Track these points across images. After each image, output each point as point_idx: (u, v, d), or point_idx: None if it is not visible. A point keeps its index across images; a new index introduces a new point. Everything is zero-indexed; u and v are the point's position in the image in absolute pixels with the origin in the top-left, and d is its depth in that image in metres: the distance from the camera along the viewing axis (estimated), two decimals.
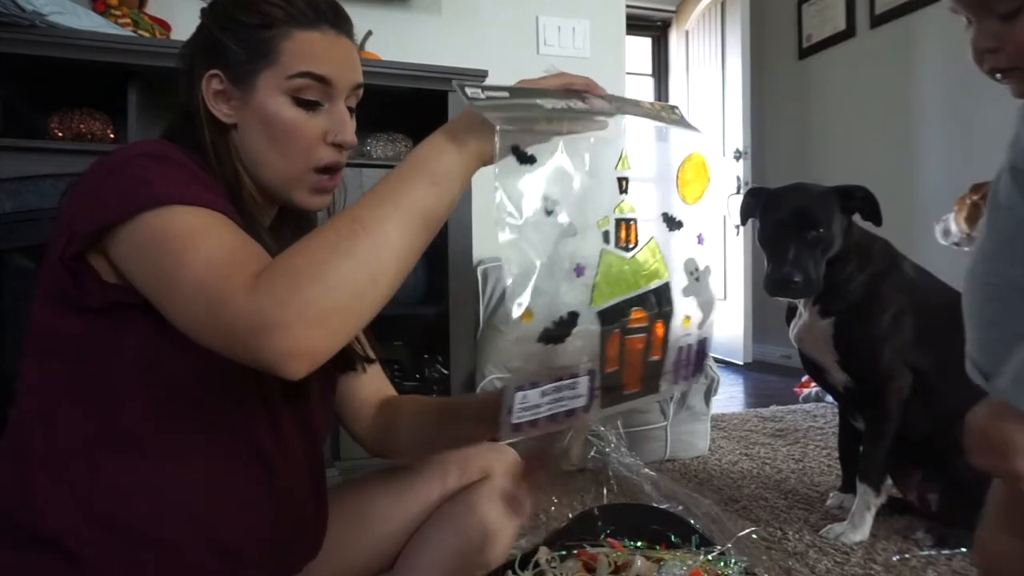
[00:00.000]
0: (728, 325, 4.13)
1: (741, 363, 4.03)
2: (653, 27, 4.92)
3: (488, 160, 0.62)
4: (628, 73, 2.89)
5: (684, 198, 0.72)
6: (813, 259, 1.52)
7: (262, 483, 0.76)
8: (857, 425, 1.67)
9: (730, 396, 3.34)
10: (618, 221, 0.66)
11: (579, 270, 0.61)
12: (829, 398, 2.84)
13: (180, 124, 0.79)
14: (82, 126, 1.69)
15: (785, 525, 1.62)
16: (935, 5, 3.24)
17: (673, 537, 0.91)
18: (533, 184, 0.58)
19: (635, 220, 0.67)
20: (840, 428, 1.78)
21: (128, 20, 1.81)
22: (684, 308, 0.71)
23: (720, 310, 4.22)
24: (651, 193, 0.70)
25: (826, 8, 3.89)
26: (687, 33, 4.64)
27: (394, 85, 1.86)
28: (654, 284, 0.68)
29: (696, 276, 0.72)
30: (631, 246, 0.66)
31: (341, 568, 0.92)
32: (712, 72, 4.28)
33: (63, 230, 0.67)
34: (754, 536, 0.84)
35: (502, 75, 2.53)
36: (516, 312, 0.56)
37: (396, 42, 2.34)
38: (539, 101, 0.61)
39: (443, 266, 2.00)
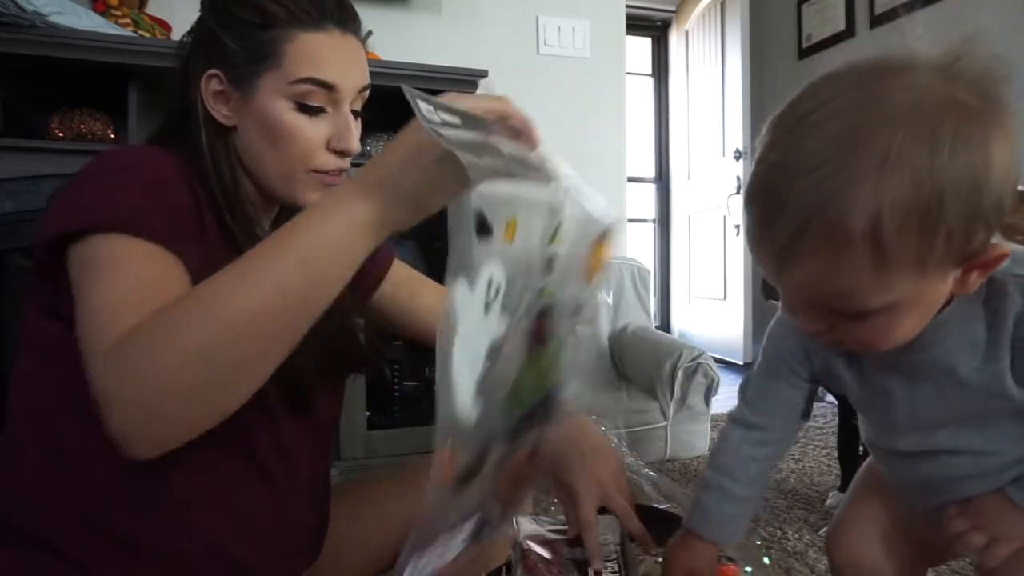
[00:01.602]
0: (728, 325, 4.13)
1: (741, 363, 4.02)
2: (653, 27, 4.91)
3: (405, 227, 0.52)
4: (628, 73, 2.89)
5: (588, 279, 0.59)
6: None
7: (261, 489, 0.75)
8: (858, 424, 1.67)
9: (730, 396, 3.32)
10: (540, 312, 0.53)
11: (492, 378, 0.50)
12: (829, 397, 2.84)
13: (176, 122, 0.76)
14: (82, 126, 1.69)
15: (785, 525, 1.62)
16: (935, 6, 3.24)
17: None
18: (486, 264, 0.47)
19: (553, 307, 0.54)
20: (839, 428, 1.78)
21: (128, 20, 1.81)
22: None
23: (720, 310, 4.22)
24: (566, 274, 0.55)
25: (826, 8, 3.89)
26: (687, 33, 4.64)
27: (394, 85, 1.86)
28: (549, 391, 0.56)
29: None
30: (543, 344, 0.54)
31: (341, 568, 0.91)
32: (712, 72, 4.28)
33: (38, 235, 0.66)
34: (755, 540, 0.84)
35: (502, 75, 2.54)
36: (441, 443, 0.46)
37: (396, 42, 2.34)
38: (493, 140, 0.48)
39: (443, 266, 2.00)
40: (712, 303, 4.32)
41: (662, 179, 4.98)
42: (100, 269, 0.60)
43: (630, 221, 2.89)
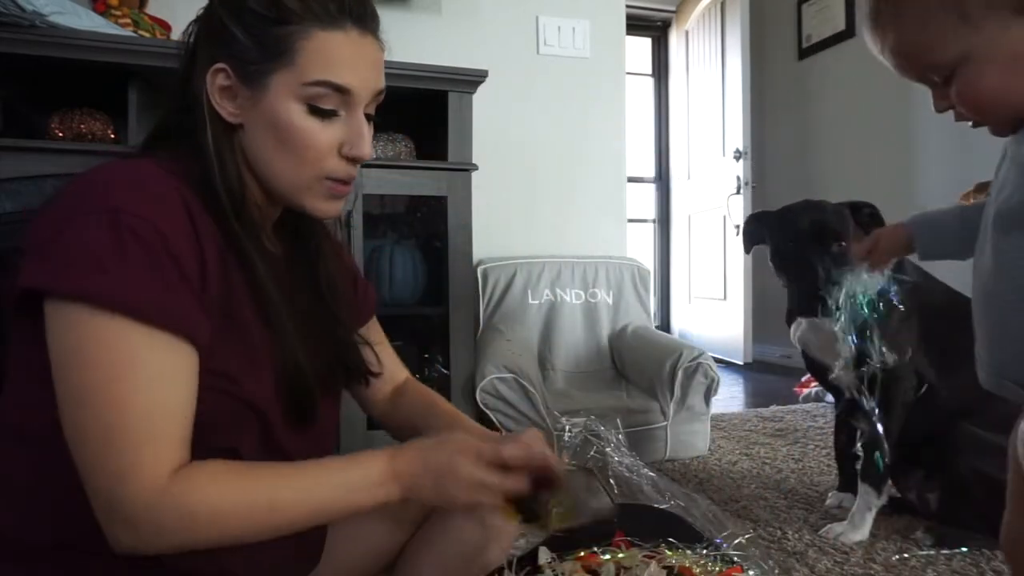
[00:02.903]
0: (728, 325, 4.13)
1: (741, 363, 4.02)
2: (653, 27, 4.91)
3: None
4: (628, 73, 2.89)
5: None
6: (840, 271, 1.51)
7: None
8: (858, 425, 1.66)
9: (730, 396, 3.33)
10: None
11: None
12: (829, 398, 2.84)
13: (178, 118, 0.72)
14: (82, 126, 1.69)
15: (785, 525, 1.62)
16: None
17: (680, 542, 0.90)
18: None
19: None
20: (837, 428, 1.78)
21: (128, 20, 1.81)
22: None
23: (720, 310, 4.22)
24: None
25: (826, 8, 3.89)
26: (687, 33, 4.64)
27: (394, 85, 1.85)
28: None
29: None
30: None
31: (340, 570, 0.91)
32: (712, 72, 4.28)
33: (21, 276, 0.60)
34: (752, 539, 0.83)
35: (502, 75, 2.54)
36: None
37: (396, 42, 2.32)
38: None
39: (443, 266, 2.00)
40: (712, 303, 4.32)
41: (662, 179, 4.99)
42: (99, 365, 0.57)
43: (630, 221, 2.89)
